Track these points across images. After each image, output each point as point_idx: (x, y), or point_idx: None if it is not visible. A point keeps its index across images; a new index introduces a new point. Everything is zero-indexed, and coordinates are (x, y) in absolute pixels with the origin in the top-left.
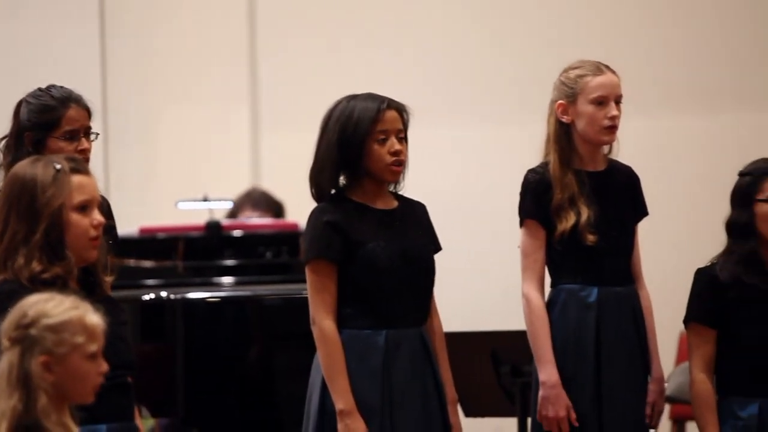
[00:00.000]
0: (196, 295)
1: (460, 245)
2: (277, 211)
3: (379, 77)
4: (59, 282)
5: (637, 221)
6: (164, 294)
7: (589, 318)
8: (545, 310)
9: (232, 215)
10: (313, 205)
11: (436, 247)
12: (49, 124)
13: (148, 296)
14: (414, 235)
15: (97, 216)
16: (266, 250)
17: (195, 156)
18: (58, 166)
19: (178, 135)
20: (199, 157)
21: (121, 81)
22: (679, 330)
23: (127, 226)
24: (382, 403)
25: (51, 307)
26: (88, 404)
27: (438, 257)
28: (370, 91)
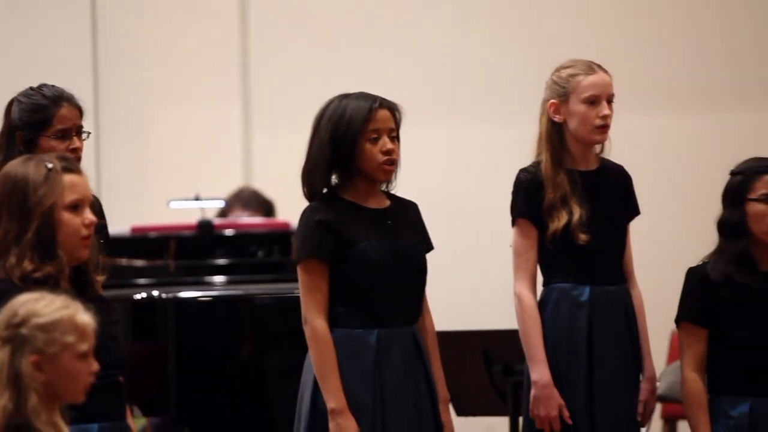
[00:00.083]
0: (187, 294)
1: (452, 244)
2: (267, 210)
3: (372, 76)
4: (51, 281)
5: (629, 220)
6: (156, 293)
7: (581, 317)
8: (537, 309)
9: (222, 215)
10: (305, 204)
11: (428, 246)
12: (41, 123)
13: (140, 295)
14: (406, 234)
15: (89, 215)
16: (258, 249)
17: (187, 155)
18: (50, 165)
19: (170, 134)
20: (191, 156)
21: (113, 80)
22: (671, 329)
23: (119, 225)
24: (373, 402)
25: (41, 306)
26: (80, 403)
27: (430, 256)
28: (363, 90)
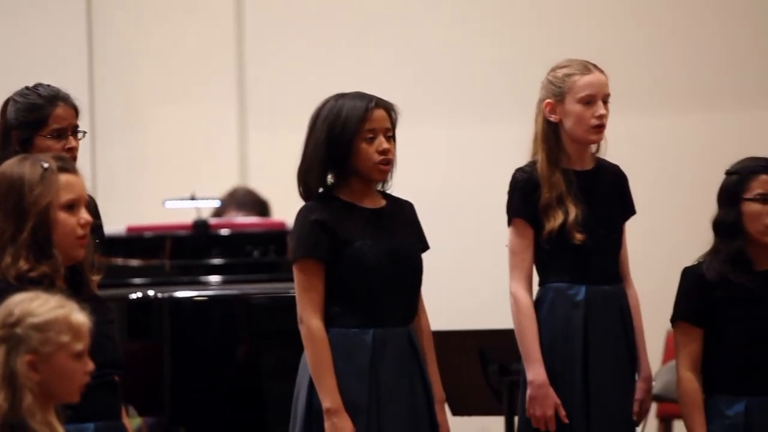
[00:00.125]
0: (183, 293)
1: (447, 244)
2: (261, 210)
3: (368, 76)
4: (46, 281)
5: (625, 220)
6: (151, 293)
7: (577, 316)
8: (533, 309)
9: (217, 215)
10: (301, 203)
11: (424, 245)
12: (37, 123)
13: (136, 295)
14: (402, 234)
15: (85, 215)
16: (254, 248)
17: (182, 155)
18: (46, 165)
19: (166, 134)
20: (187, 155)
21: (109, 79)
22: (666, 329)
23: (115, 225)
24: (369, 401)
25: (36, 306)
26: (76, 403)
27: (426, 256)
28: (359, 89)
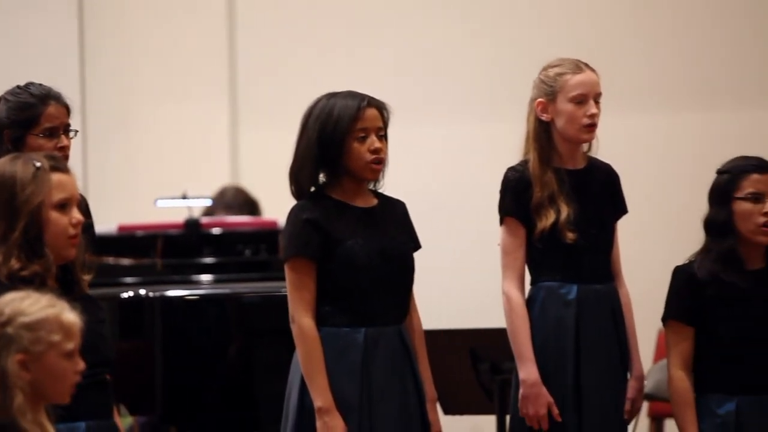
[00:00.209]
0: (174, 292)
1: (439, 243)
2: (251, 210)
3: (360, 75)
4: (38, 280)
5: (617, 219)
6: (143, 292)
7: (569, 315)
8: (525, 308)
9: (207, 215)
10: (293, 202)
11: (416, 245)
12: (29, 122)
13: (127, 294)
14: (393, 233)
15: (76, 214)
16: (245, 247)
17: (174, 154)
18: (38, 164)
19: (157, 132)
20: (178, 154)
21: (100, 78)
22: (658, 327)
23: (106, 224)
24: (360, 400)
25: (27, 305)
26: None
27: (418, 255)
28: (351, 88)
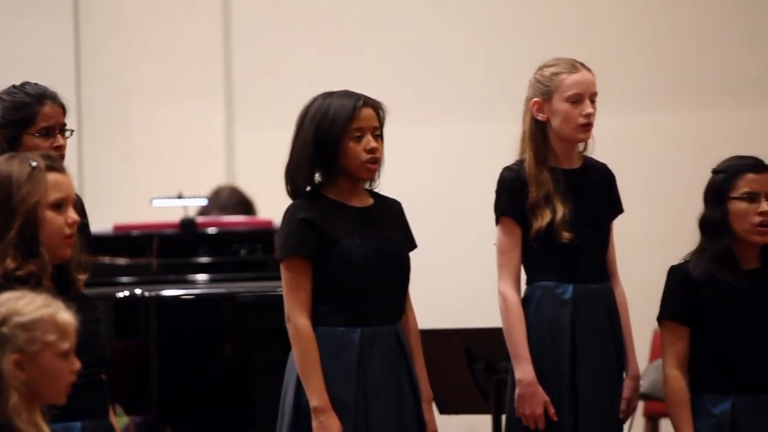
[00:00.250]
0: (170, 292)
1: (435, 242)
2: (246, 210)
3: (356, 75)
4: (33, 279)
5: (613, 218)
6: (138, 291)
7: (565, 315)
8: (521, 307)
9: (202, 215)
10: (288, 202)
11: (412, 244)
12: (24, 121)
13: (122, 294)
14: (389, 232)
15: (72, 214)
16: (241, 247)
17: (169, 153)
18: (34, 164)
19: (153, 132)
20: (174, 154)
21: (95, 78)
22: (653, 327)
23: (102, 224)
24: (356, 400)
25: (22, 305)
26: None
27: (414, 254)
28: (347, 88)
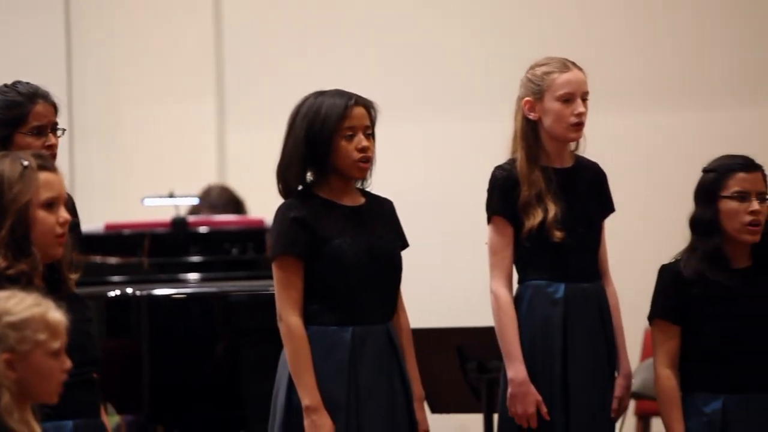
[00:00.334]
0: (161, 291)
1: (427, 242)
2: (236, 209)
3: (347, 74)
4: (24, 278)
5: (604, 217)
6: (130, 290)
7: (556, 314)
8: (513, 306)
9: (193, 214)
10: (280, 201)
11: (403, 243)
12: (16, 120)
13: (114, 293)
14: (381, 231)
15: (64, 213)
16: (232, 246)
17: (161, 152)
18: (26, 163)
19: (144, 131)
20: (165, 153)
21: (87, 77)
22: (645, 326)
23: (93, 223)
24: (348, 399)
25: (13, 304)
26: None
27: (405, 253)
28: (338, 87)
